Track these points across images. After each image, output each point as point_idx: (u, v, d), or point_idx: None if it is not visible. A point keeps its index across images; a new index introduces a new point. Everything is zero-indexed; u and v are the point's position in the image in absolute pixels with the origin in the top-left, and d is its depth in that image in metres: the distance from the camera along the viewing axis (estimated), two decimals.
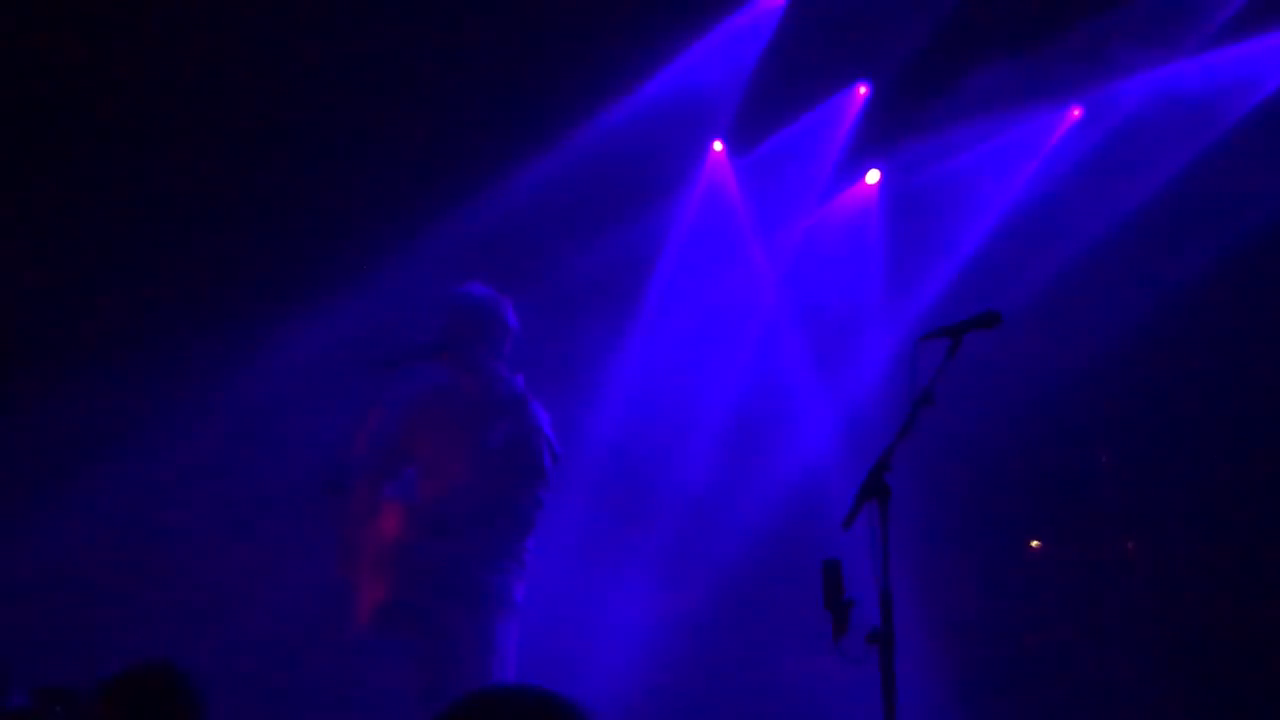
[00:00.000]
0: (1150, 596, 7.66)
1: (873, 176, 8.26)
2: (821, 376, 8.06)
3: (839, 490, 6.50)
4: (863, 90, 8.13)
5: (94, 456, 7.06)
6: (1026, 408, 7.44)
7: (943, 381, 4.48)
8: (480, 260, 6.67)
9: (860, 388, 7.76)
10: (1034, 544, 8.07)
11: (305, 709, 6.27)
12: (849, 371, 7.95)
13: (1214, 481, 7.50)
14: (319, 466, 5.75)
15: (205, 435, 7.18)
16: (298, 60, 7.40)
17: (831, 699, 5.28)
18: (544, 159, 7.71)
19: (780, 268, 8.28)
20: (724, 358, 8.09)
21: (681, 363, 7.96)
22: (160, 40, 7.45)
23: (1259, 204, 7.42)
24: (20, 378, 7.26)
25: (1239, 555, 7.40)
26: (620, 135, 7.77)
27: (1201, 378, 7.56)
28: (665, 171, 8.05)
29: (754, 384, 8.03)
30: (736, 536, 7.54)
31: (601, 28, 7.48)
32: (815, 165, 8.27)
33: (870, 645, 4.35)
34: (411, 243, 7.28)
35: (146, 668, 3.25)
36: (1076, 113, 7.99)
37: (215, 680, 3.37)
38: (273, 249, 7.53)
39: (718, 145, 8.22)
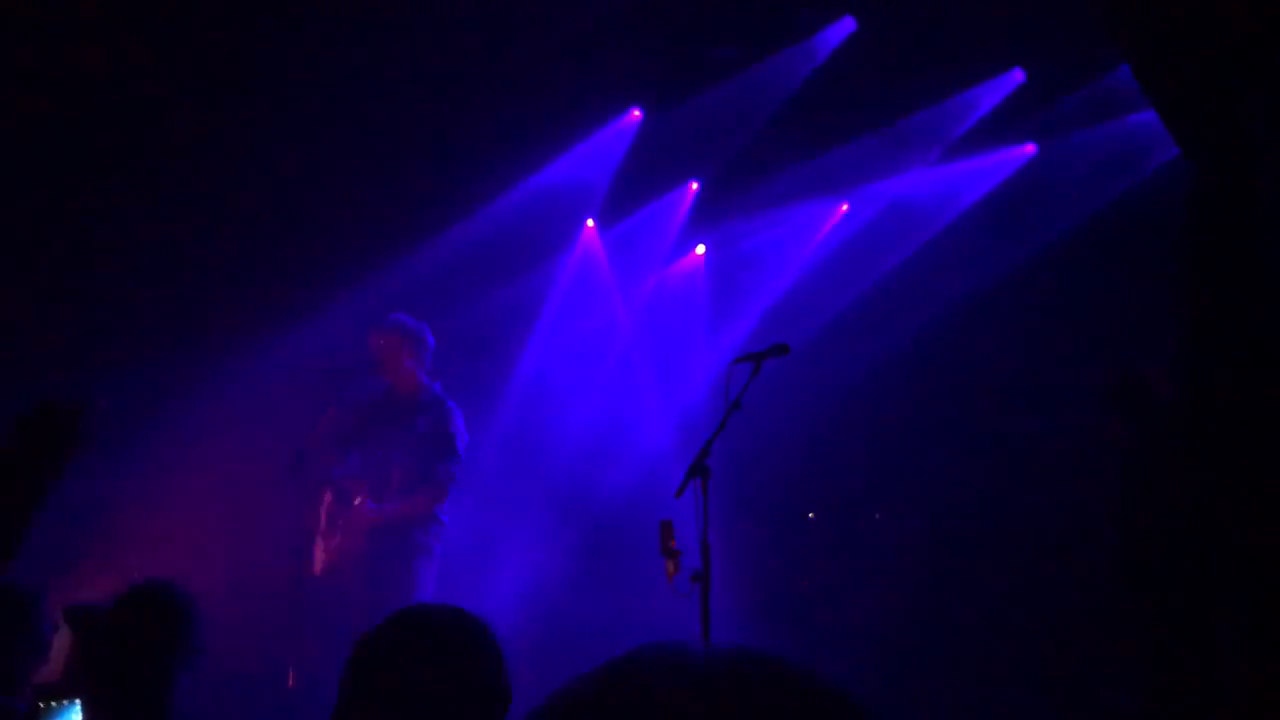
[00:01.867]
0: (890, 554, 7.74)
1: (700, 249, 8.30)
2: (662, 389, 8.04)
3: (673, 471, 6.50)
4: (694, 186, 8.16)
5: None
6: (804, 413, 7.49)
7: (747, 393, 4.50)
8: (410, 300, 6.53)
9: (690, 397, 7.74)
10: (810, 515, 8.11)
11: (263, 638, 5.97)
12: (682, 386, 7.94)
13: (929, 468, 7.61)
14: (285, 452, 5.58)
15: (198, 428, 6.91)
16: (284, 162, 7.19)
17: (665, 623, 5.23)
18: (461, 227, 7.60)
19: (634, 312, 8.26)
20: (591, 375, 8.02)
21: (559, 377, 7.88)
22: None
23: (958, 283, 7.59)
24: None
25: (946, 523, 7.51)
26: (519, 210, 7.69)
27: (914, 398, 7.69)
28: (551, 239, 7.98)
29: (613, 394, 7.99)
30: (598, 504, 7.46)
31: (510, 129, 7.41)
32: (660, 239, 8.26)
33: (694, 583, 4.35)
34: (359, 286, 7.11)
35: (150, 585, 3.11)
36: (844, 207, 8.11)
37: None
38: (249, 288, 7.30)
39: (590, 222, 8.19)
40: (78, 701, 2.78)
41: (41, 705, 2.86)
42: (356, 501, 5.53)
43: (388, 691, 2.03)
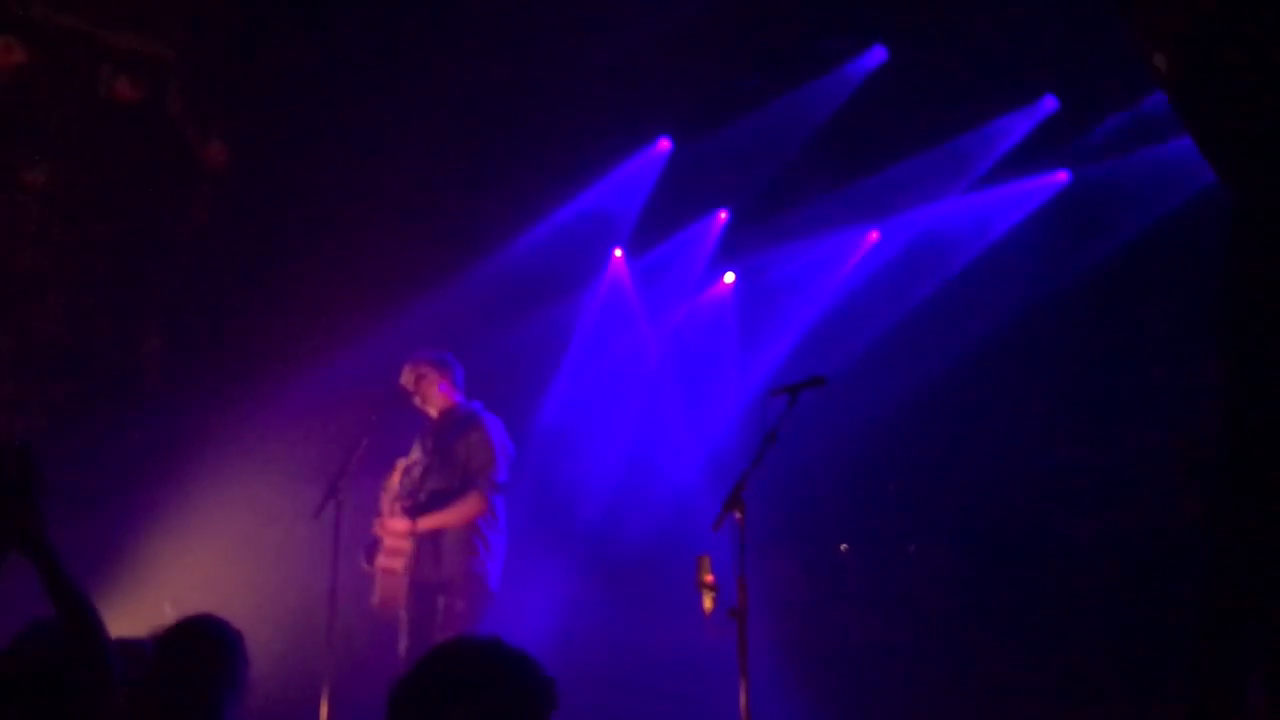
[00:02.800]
0: (922, 585, 7.70)
1: (729, 278, 8.31)
2: (691, 421, 8.04)
3: (705, 505, 6.51)
4: (723, 215, 8.18)
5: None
6: (839, 446, 7.47)
7: (784, 425, 4.50)
8: (441, 331, 6.59)
9: (719, 430, 7.75)
10: (843, 547, 8.07)
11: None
12: (711, 418, 7.95)
13: (965, 501, 7.58)
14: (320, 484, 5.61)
15: (234, 460, 6.98)
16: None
17: (701, 659, 5.22)
18: (491, 258, 7.67)
19: (662, 341, 8.28)
20: (621, 405, 8.04)
21: (590, 408, 7.90)
22: None
23: (995, 311, 7.57)
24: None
25: (983, 556, 7.46)
26: (548, 241, 7.76)
27: (948, 429, 7.66)
28: (579, 269, 8.03)
29: (642, 425, 8.00)
30: (630, 538, 7.45)
31: (540, 160, 7.49)
32: (689, 268, 8.29)
33: (730, 618, 4.34)
34: (391, 317, 7.18)
35: (197, 619, 3.13)
36: (874, 236, 8.11)
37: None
38: (285, 319, 7.41)
39: (618, 252, 8.23)
40: None
41: None
42: (392, 520, 5.56)
43: None
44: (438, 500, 5.58)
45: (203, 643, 3.02)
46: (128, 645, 3.10)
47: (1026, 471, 7.30)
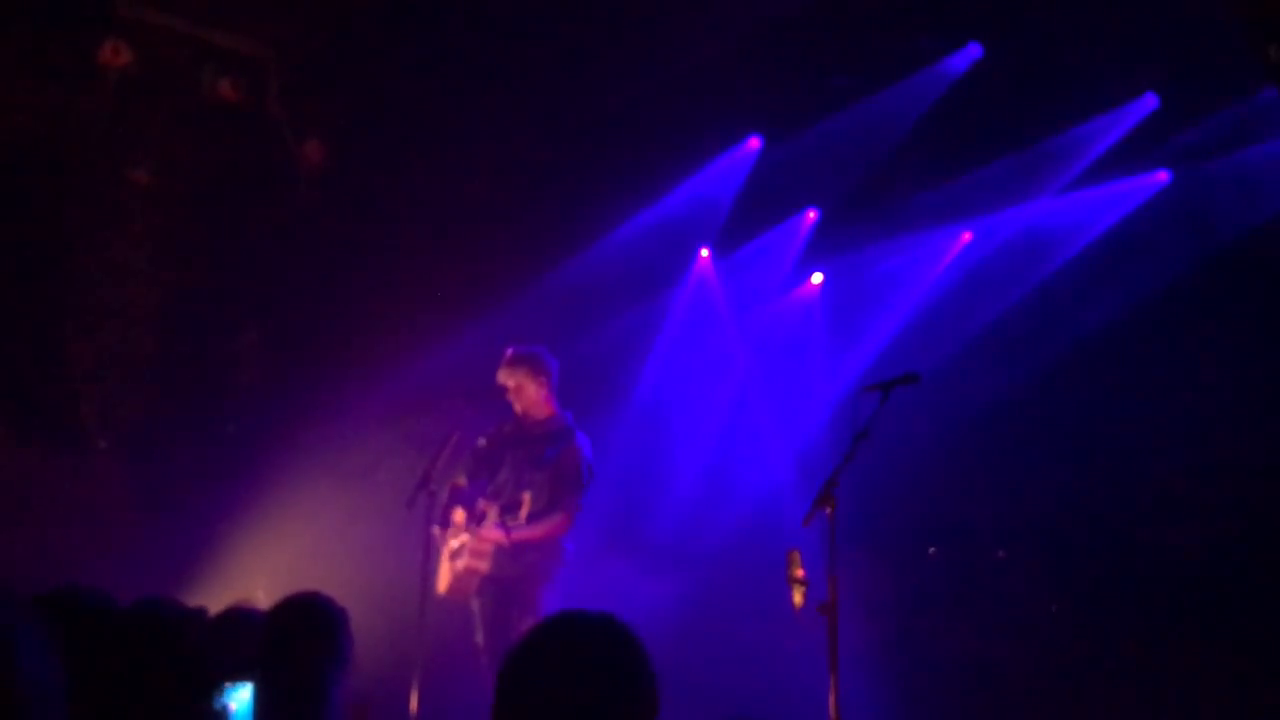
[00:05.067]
0: (1013, 591, 7.60)
1: (817, 278, 8.27)
2: (780, 419, 8.04)
3: (791, 502, 6.52)
4: (812, 215, 8.16)
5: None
6: (931, 445, 7.41)
7: (876, 423, 4.49)
8: (532, 329, 6.67)
9: (808, 428, 7.74)
10: (931, 550, 8.00)
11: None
12: (800, 416, 7.93)
13: (1058, 503, 7.47)
14: (412, 476, 5.73)
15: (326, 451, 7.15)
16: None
17: (791, 655, 5.24)
18: (581, 256, 7.76)
19: (749, 340, 8.28)
20: (709, 403, 8.07)
21: (678, 406, 7.94)
22: None
23: (1093, 310, 7.45)
24: None
25: (1073, 558, 7.35)
26: (638, 239, 7.83)
27: (1048, 429, 7.55)
28: (668, 268, 8.08)
29: (731, 423, 8.02)
30: (719, 535, 7.49)
31: (630, 157, 7.55)
32: (776, 268, 8.28)
33: (821, 614, 4.35)
34: (484, 314, 7.28)
35: (305, 595, 3.22)
36: (967, 236, 8.03)
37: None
38: (380, 316, 7.56)
39: (704, 251, 8.26)
40: (250, 684, 2.88)
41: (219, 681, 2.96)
42: (486, 525, 5.66)
43: (543, 703, 2.07)
44: (532, 515, 5.67)
45: (311, 618, 3.11)
46: (240, 614, 3.21)
47: (1126, 477, 7.17)
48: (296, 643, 3.03)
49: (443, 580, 5.78)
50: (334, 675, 3.05)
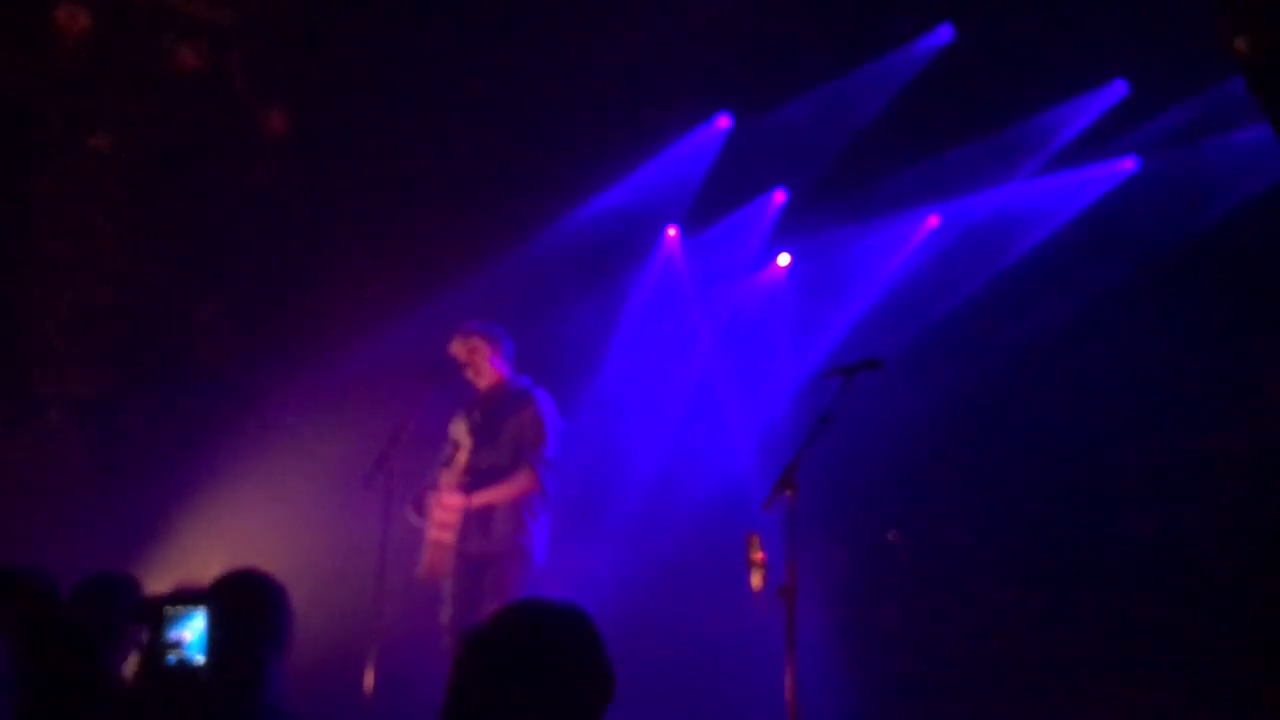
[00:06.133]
0: (971, 575, 7.64)
1: (784, 259, 8.25)
2: (744, 401, 8.02)
3: (755, 485, 6.51)
4: (780, 195, 8.11)
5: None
6: (893, 429, 7.42)
7: (837, 407, 4.48)
8: (492, 308, 6.61)
9: (772, 411, 7.73)
10: (890, 534, 8.02)
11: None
12: (764, 399, 7.92)
13: (1018, 491, 7.50)
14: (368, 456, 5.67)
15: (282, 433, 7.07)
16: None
17: (749, 636, 5.25)
18: (544, 234, 7.70)
19: (715, 321, 8.25)
20: (672, 384, 8.04)
21: (641, 385, 7.91)
22: None
23: (1058, 297, 7.47)
24: None
25: (1033, 545, 7.39)
26: (603, 218, 7.77)
27: (1010, 416, 7.57)
28: (634, 246, 8.03)
29: (694, 405, 8.00)
30: (679, 517, 7.48)
31: (596, 133, 7.48)
32: (743, 248, 8.23)
33: (779, 597, 4.35)
34: (441, 294, 7.21)
35: (243, 572, 3.15)
36: (933, 220, 8.03)
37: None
38: (334, 294, 7.49)
39: (671, 230, 8.21)
40: (202, 608, 2.82)
41: (168, 609, 2.90)
42: (447, 495, 5.61)
43: (498, 683, 2.07)
44: (491, 476, 5.62)
45: (247, 596, 3.04)
46: (176, 595, 3.14)
47: (1087, 464, 7.21)
48: (232, 621, 2.96)
49: (424, 564, 5.74)
50: (271, 653, 2.98)
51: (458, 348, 5.85)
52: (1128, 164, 7.55)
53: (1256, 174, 6.94)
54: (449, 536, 5.61)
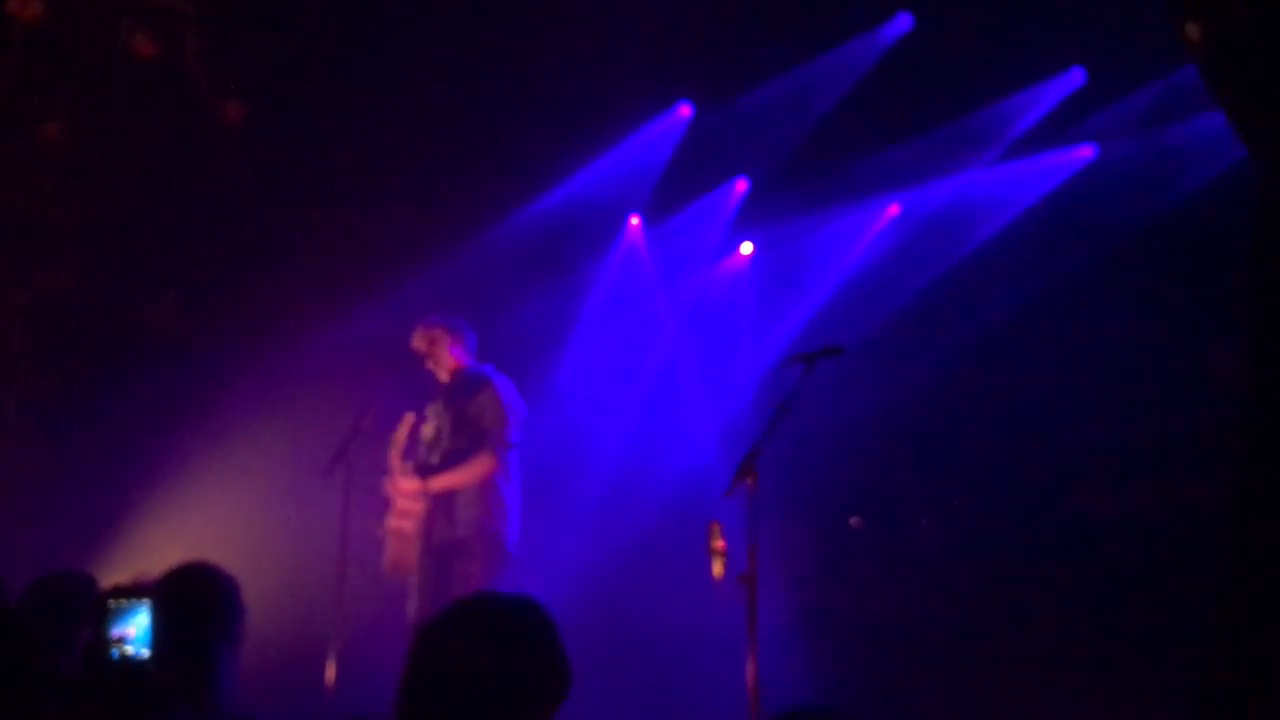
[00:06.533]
0: (935, 560, 7.69)
1: (746, 248, 8.25)
2: (707, 389, 8.03)
3: (718, 473, 6.50)
4: (742, 184, 8.11)
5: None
6: (854, 416, 7.45)
7: (799, 395, 4.48)
8: (453, 298, 6.58)
9: (735, 399, 7.74)
10: (853, 520, 8.05)
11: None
12: (727, 387, 7.93)
13: (977, 475, 7.55)
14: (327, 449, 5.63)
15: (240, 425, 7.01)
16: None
17: (712, 624, 5.26)
18: (505, 224, 7.66)
19: (678, 310, 8.25)
20: (635, 373, 8.03)
21: (604, 375, 7.90)
22: None
23: (1018, 283, 7.52)
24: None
25: (993, 530, 7.45)
26: (564, 207, 7.74)
27: (971, 401, 7.62)
28: (595, 236, 8.01)
29: (657, 393, 7.99)
30: (642, 506, 7.46)
31: (555, 123, 7.45)
32: (706, 237, 8.23)
33: (740, 584, 4.35)
34: (401, 283, 7.14)
35: (192, 565, 3.11)
36: (894, 209, 8.05)
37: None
38: (292, 286, 7.42)
39: (634, 219, 8.19)
40: (147, 601, 2.78)
41: (111, 602, 2.86)
42: (403, 480, 5.58)
43: (451, 676, 2.06)
44: (450, 461, 5.59)
45: (194, 589, 3.00)
46: (127, 588, 3.10)
47: (1045, 448, 7.28)
48: (178, 615, 2.92)
49: (386, 552, 5.70)
50: (222, 646, 2.94)
51: (419, 340, 5.82)
52: (1085, 152, 7.62)
53: (1211, 162, 7.02)
54: (410, 525, 5.57)
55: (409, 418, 5.76)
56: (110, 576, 5.21)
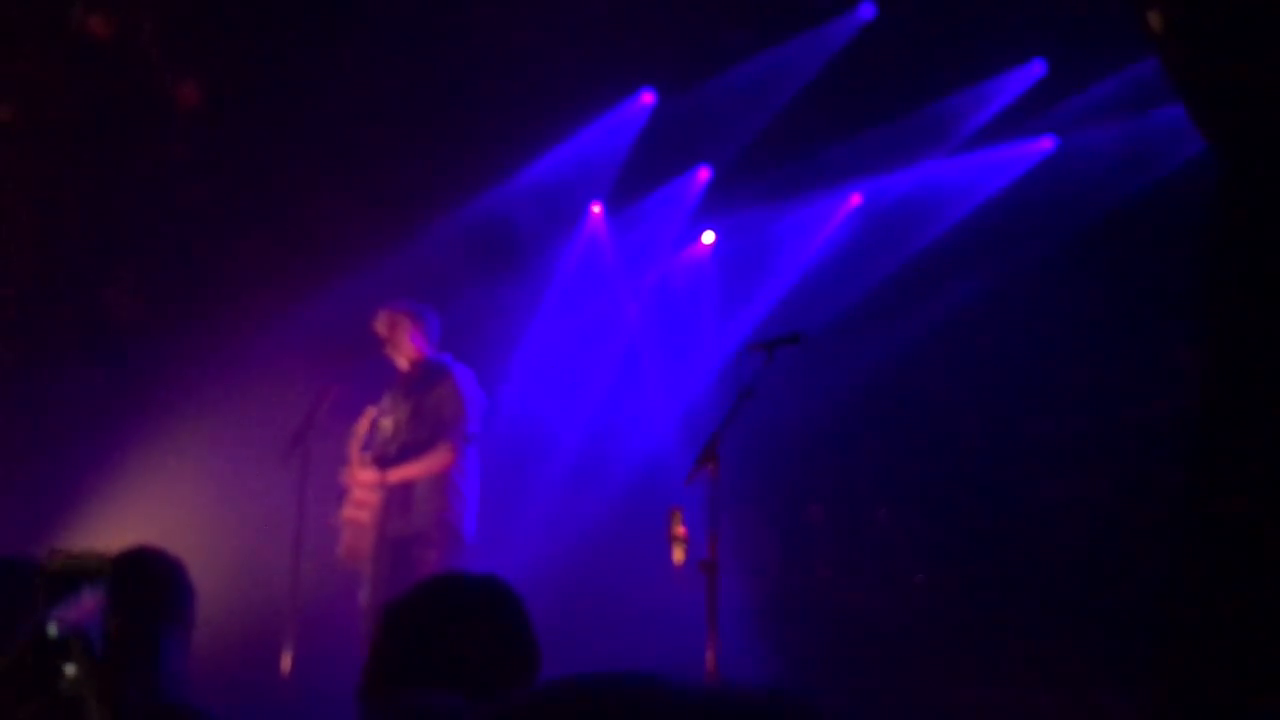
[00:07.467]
0: (893, 548, 7.72)
1: (708, 236, 8.23)
2: (668, 377, 8.02)
3: (679, 462, 6.49)
4: (704, 173, 8.10)
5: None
6: (815, 404, 7.47)
7: (759, 382, 4.48)
8: (413, 284, 6.52)
9: (695, 387, 7.73)
10: (812, 508, 8.08)
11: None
12: (688, 375, 7.93)
13: (937, 463, 7.59)
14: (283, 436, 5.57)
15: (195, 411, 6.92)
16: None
17: (672, 609, 5.25)
18: (465, 210, 7.60)
19: (640, 298, 8.22)
20: (596, 361, 8.00)
21: (565, 363, 7.86)
22: None
23: (977, 273, 7.56)
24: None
25: (953, 517, 7.49)
26: (525, 194, 7.69)
27: (931, 390, 7.65)
28: (557, 223, 7.97)
29: (618, 381, 7.96)
30: (603, 494, 7.44)
31: (517, 110, 7.39)
32: (668, 225, 8.21)
33: (700, 571, 4.34)
34: (360, 269, 7.06)
35: (135, 550, 3.03)
36: (856, 198, 8.06)
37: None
38: (249, 272, 7.33)
39: (596, 208, 8.15)
40: (96, 580, 2.71)
41: (57, 581, 2.78)
42: (361, 471, 5.52)
43: (420, 652, 2.03)
44: (408, 452, 5.54)
45: (136, 571, 2.93)
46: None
47: (1007, 436, 7.33)
48: (126, 597, 2.85)
49: (341, 541, 5.63)
50: (166, 630, 2.87)
51: (381, 323, 5.74)
52: (1046, 143, 7.66)
53: (1173, 153, 7.07)
54: (366, 515, 5.50)
55: (370, 411, 5.69)
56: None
